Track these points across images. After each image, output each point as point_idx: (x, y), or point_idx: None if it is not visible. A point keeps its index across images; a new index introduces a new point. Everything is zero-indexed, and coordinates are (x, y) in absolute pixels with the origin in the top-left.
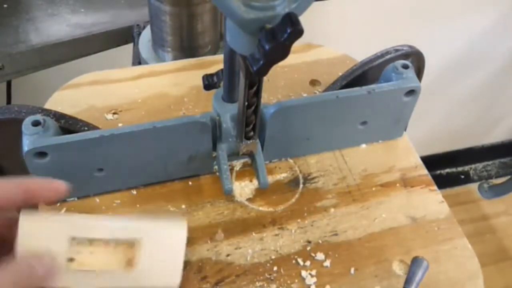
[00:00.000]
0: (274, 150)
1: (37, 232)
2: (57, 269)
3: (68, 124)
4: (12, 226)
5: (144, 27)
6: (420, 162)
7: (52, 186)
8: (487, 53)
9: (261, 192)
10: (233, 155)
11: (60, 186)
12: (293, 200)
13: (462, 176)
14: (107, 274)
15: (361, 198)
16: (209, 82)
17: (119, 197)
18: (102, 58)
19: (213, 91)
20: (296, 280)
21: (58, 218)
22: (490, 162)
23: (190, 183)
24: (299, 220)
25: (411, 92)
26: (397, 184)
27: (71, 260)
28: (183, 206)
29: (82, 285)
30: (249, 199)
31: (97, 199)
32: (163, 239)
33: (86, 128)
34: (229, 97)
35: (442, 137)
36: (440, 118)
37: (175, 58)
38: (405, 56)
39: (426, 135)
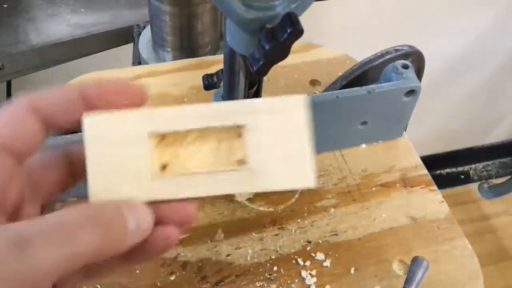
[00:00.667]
0: None
1: (111, 135)
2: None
3: None
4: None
5: (144, 27)
6: (420, 162)
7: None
8: (487, 53)
9: (261, 192)
10: None
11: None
12: (293, 200)
13: (462, 176)
14: (212, 176)
15: (361, 198)
16: (209, 82)
17: None
18: (102, 58)
19: (213, 91)
20: (296, 280)
21: (134, 114)
22: (490, 162)
23: None
24: (299, 220)
25: (411, 92)
26: (397, 184)
27: (163, 167)
28: None
29: (179, 195)
30: (249, 199)
31: None
32: (279, 122)
33: None
34: (229, 97)
35: (442, 137)
36: (440, 118)
37: (175, 58)
38: (405, 56)
39: (426, 135)
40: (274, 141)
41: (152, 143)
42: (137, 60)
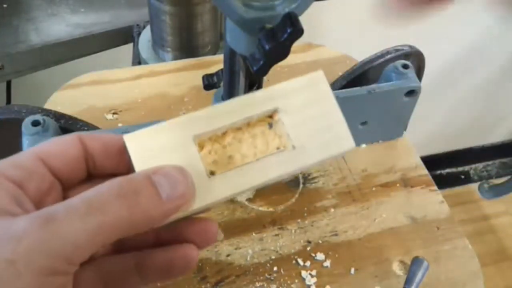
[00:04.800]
0: None
1: (155, 148)
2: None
3: (68, 124)
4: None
5: (144, 27)
6: (420, 162)
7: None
8: (487, 53)
9: (261, 192)
10: None
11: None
12: (293, 200)
13: (462, 176)
14: (260, 165)
15: (361, 198)
16: (209, 82)
17: None
18: (102, 58)
19: (213, 91)
20: (296, 280)
21: (171, 124)
22: (490, 162)
23: None
24: (299, 220)
25: (411, 92)
26: (397, 184)
27: (211, 173)
28: None
29: (234, 190)
30: (249, 199)
31: None
32: (304, 98)
33: (86, 128)
34: (229, 97)
35: (442, 137)
36: (440, 118)
37: (175, 58)
38: (406, 56)
39: (426, 135)
40: (308, 116)
41: (197, 147)
42: (137, 60)
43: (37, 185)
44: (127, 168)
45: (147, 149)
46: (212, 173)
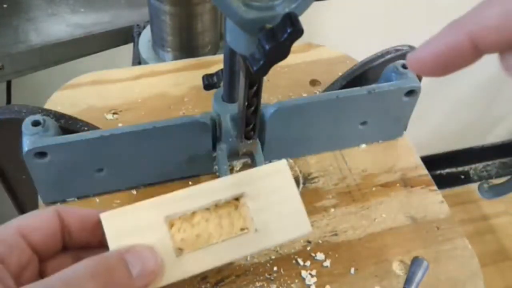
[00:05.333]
0: (274, 150)
1: (129, 227)
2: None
3: (68, 124)
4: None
5: (144, 27)
6: (420, 162)
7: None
8: None
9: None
10: (233, 155)
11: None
12: None
13: (462, 176)
14: (225, 246)
15: (361, 198)
16: (209, 82)
17: (119, 197)
18: (102, 58)
19: (213, 91)
20: (296, 280)
21: (145, 204)
22: (490, 162)
23: (190, 183)
24: None
25: (411, 92)
26: (397, 184)
27: (179, 250)
28: None
29: (200, 269)
30: None
31: (97, 199)
32: (268, 186)
33: (86, 128)
34: (229, 97)
35: (442, 137)
36: (440, 118)
37: (175, 58)
38: (406, 56)
39: (426, 135)
40: (271, 202)
41: (167, 227)
42: (137, 60)
43: (17, 260)
44: (100, 239)
45: (121, 227)
46: (180, 251)
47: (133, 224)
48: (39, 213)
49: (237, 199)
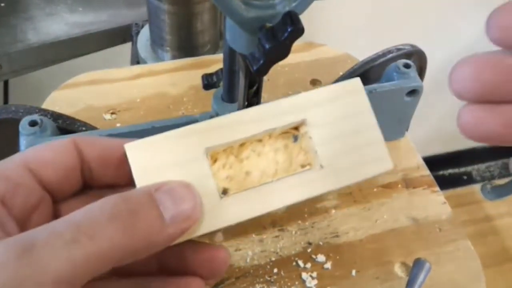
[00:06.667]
0: None
1: (159, 162)
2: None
3: (65, 124)
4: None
5: (142, 26)
6: (422, 162)
7: None
8: None
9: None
10: None
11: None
12: None
13: (465, 177)
14: (280, 186)
15: (363, 199)
16: (208, 82)
17: None
18: (100, 58)
19: (213, 90)
20: (297, 282)
21: (177, 133)
22: (493, 163)
23: None
24: (299, 222)
25: (413, 92)
26: (399, 185)
27: (224, 191)
28: None
29: (249, 215)
30: None
31: None
32: (337, 110)
33: (84, 128)
34: (228, 96)
35: (444, 137)
36: (442, 118)
37: (174, 57)
38: (407, 55)
39: (428, 135)
40: (340, 131)
41: (209, 160)
42: (136, 59)
43: (23, 201)
44: (128, 179)
45: (151, 161)
46: (225, 192)
47: (166, 157)
48: (52, 144)
49: (296, 127)
